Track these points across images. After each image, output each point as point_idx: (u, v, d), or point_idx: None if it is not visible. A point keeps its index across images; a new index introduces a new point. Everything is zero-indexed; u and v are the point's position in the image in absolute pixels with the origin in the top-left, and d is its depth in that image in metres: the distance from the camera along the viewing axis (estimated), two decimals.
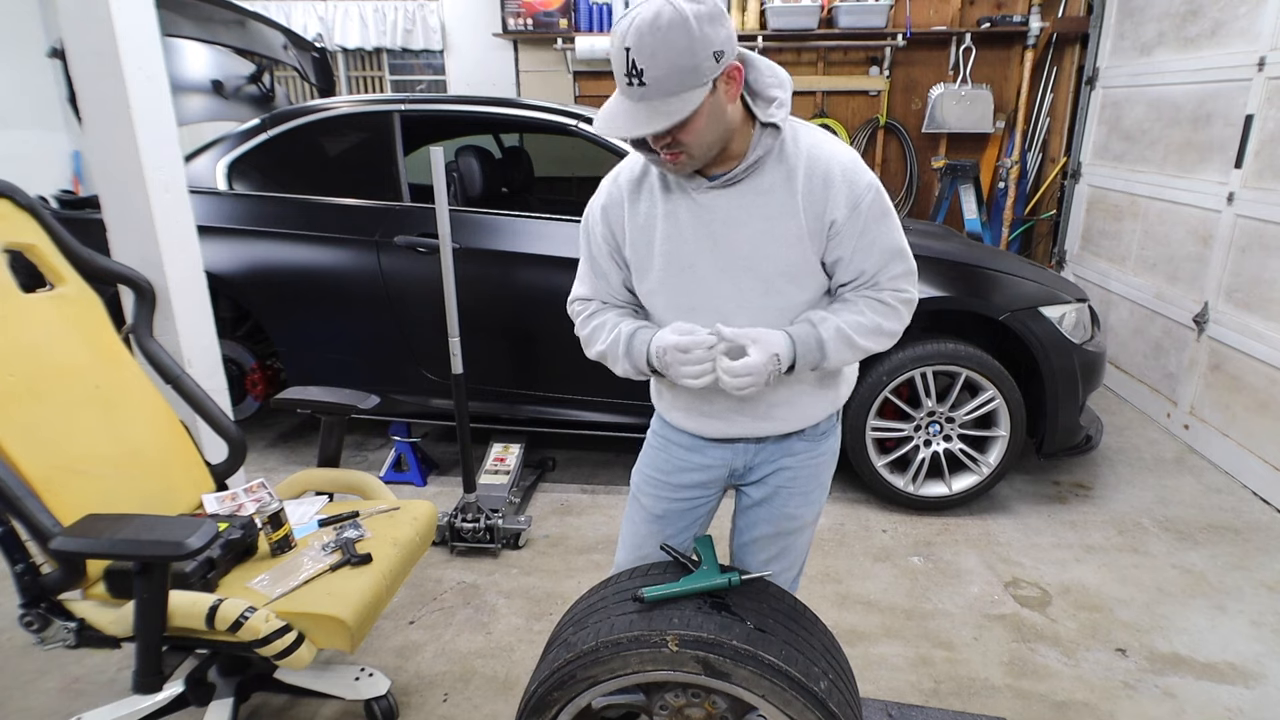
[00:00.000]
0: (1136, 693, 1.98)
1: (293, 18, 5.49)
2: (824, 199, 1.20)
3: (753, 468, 1.42)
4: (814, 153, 1.22)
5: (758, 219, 1.22)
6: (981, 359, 2.64)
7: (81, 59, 1.99)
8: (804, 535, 1.50)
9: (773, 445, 1.39)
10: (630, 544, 1.54)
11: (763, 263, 1.23)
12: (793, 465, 1.41)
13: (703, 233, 1.23)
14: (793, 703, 1.12)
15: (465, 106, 3.04)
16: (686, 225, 1.24)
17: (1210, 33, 3.44)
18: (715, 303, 1.26)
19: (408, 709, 1.90)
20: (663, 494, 1.46)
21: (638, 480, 1.51)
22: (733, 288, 1.25)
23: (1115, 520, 2.81)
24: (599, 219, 1.33)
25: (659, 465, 1.46)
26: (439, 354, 2.54)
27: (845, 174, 1.21)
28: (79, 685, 1.96)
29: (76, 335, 1.66)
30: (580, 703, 1.23)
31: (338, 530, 1.70)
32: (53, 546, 1.28)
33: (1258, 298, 3.03)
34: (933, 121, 4.96)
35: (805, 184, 1.20)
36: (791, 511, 1.44)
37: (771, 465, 1.41)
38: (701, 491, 1.46)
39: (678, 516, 1.47)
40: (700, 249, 1.24)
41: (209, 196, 2.96)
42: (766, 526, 1.46)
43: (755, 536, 1.48)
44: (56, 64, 2.17)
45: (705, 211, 1.23)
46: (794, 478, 1.42)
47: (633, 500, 1.53)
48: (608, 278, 1.36)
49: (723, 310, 1.25)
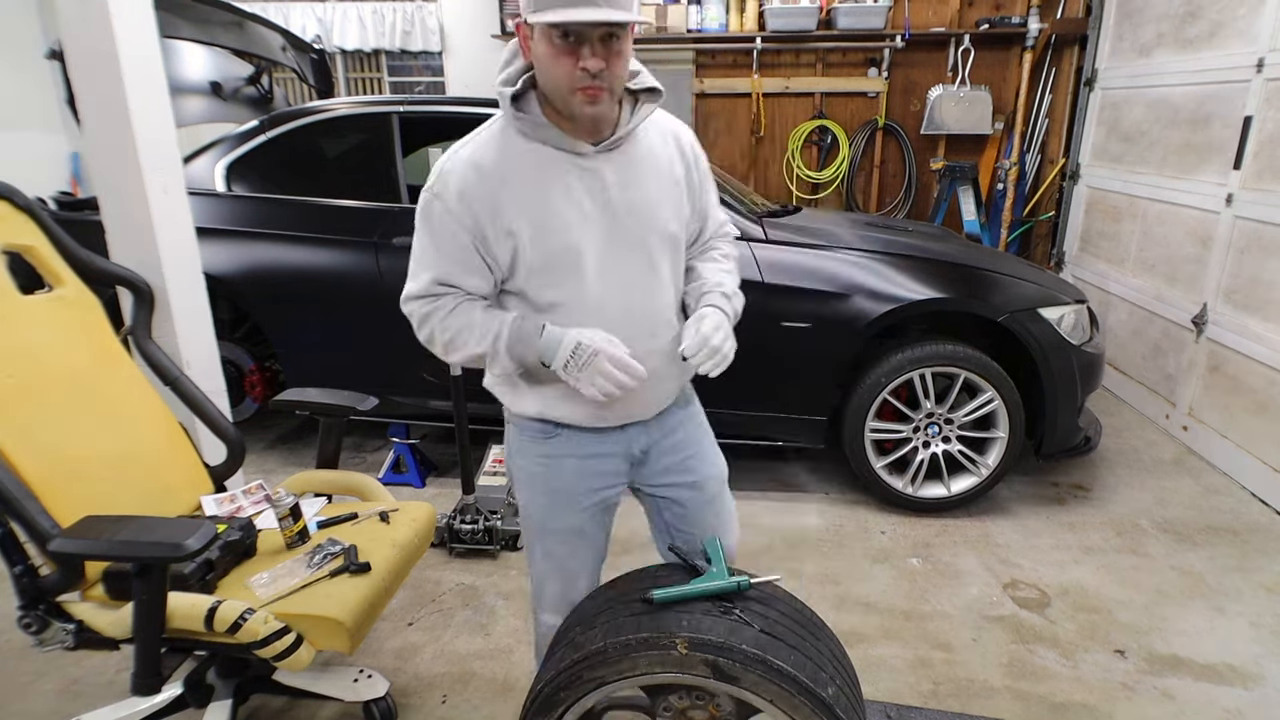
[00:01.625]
0: (1135, 694, 1.98)
1: (291, 19, 5.49)
2: (683, 159, 1.34)
3: (649, 450, 1.43)
4: (676, 129, 1.36)
5: (647, 179, 1.28)
6: (980, 360, 2.64)
7: (80, 60, 1.99)
8: (727, 494, 1.55)
9: (659, 420, 1.42)
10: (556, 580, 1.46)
11: (652, 222, 1.28)
12: (683, 435, 1.46)
13: (595, 199, 1.24)
14: (800, 708, 1.12)
15: (464, 108, 3.05)
16: (577, 193, 1.23)
17: (1209, 34, 3.44)
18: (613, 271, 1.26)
19: (406, 710, 1.90)
20: (576, 507, 1.40)
21: (540, 513, 1.43)
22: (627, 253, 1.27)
23: (1114, 522, 2.81)
24: (454, 207, 1.21)
25: (558, 486, 1.39)
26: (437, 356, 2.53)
27: (686, 133, 1.37)
28: (77, 687, 1.96)
29: (75, 337, 1.66)
30: (586, 703, 1.23)
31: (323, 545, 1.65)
32: (51, 548, 1.28)
33: (1256, 299, 3.03)
34: (931, 123, 4.96)
35: (674, 145, 1.33)
36: (710, 473, 1.49)
37: (666, 441, 1.43)
38: (609, 488, 1.42)
39: (594, 517, 1.43)
40: (595, 214, 1.24)
41: (208, 198, 2.96)
42: (700, 497, 1.48)
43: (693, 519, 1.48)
44: (55, 65, 2.16)
45: (594, 178, 1.23)
46: (691, 444, 1.47)
47: (541, 537, 1.45)
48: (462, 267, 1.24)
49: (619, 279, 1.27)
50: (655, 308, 1.32)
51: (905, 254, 2.75)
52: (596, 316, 1.26)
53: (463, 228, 1.22)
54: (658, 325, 1.33)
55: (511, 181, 1.22)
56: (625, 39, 1.14)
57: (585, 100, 1.15)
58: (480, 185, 1.21)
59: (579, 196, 1.23)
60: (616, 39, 1.13)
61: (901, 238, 2.94)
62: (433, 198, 1.23)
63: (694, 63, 5.14)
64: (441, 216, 1.23)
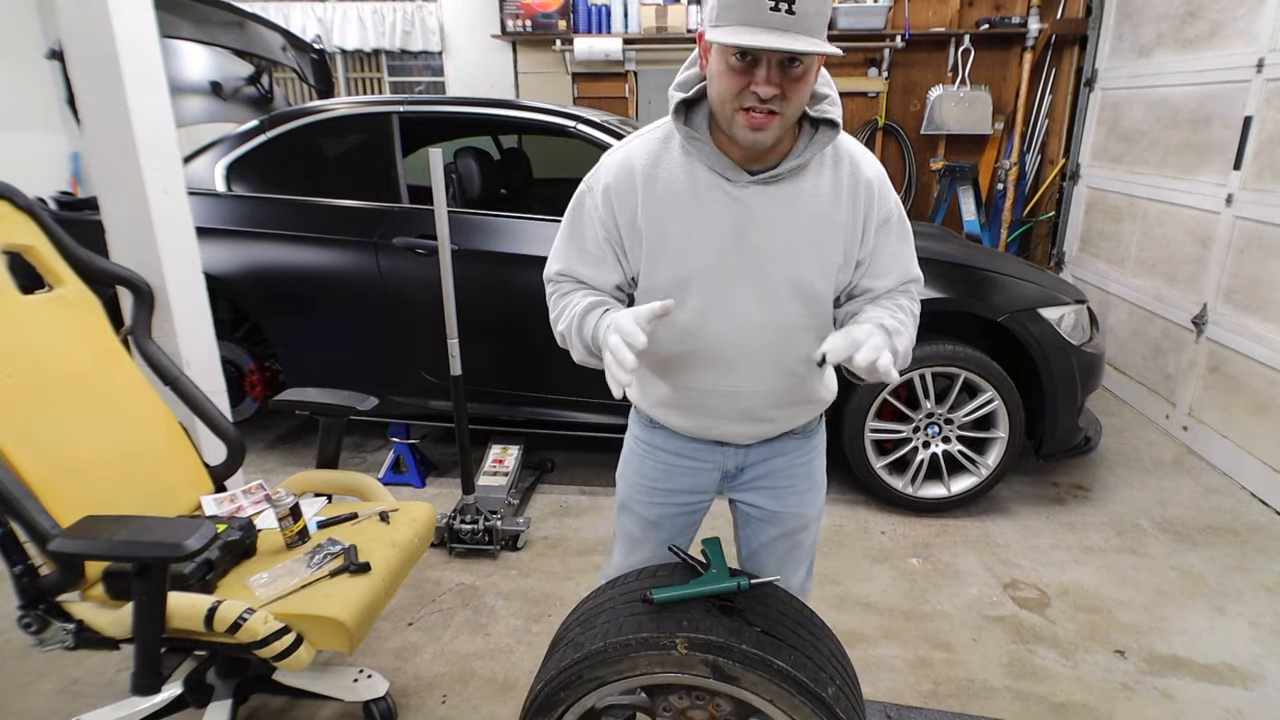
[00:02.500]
0: (1135, 694, 1.98)
1: (291, 19, 5.48)
2: (864, 208, 1.18)
3: (744, 468, 1.40)
4: (856, 161, 1.19)
5: (792, 222, 1.16)
6: (980, 360, 2.64)
7: (80, 60, 1.99)
8: (809, 533, 1.48)
9: (762, 445, 1.38)
10: (626, 549, 1.52)
11: (787, 269, 1.17)
12: (785, 465, 1.39)
13: (729, 230, 1.16)
14: (800, 708, 1.12)
15: (464, 108, 3.05)
16: (713, 219, 1.16)
17: (1209, 34, 3.44)
18: (727, 306, 1.19)
19: (406, 710, 1.90)
20: (655, 500, 1.43)
21: (625, 488, 1.47)
22: (748, 293, 1.19)
23: (1114, 522, 2.81)
24: (600, 202, 1.22)
25: (646, 472, 1.43)
26: (437, 355, 2.53)
27: (881, 188, 1.20)
28: (77, 687, 1.96)
29: (75, 337, 1.66)
30: (586, 703, 1.23)
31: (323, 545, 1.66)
32: (51, 548, 1.28)
33: (1256, 299, 3.03)
34: (931, 123, 4.96)
35: (849, 194, 1.17)
36: (794, 510, 1.42)
37: (764, 466, 1.39)
38: (694, 496, 1.43)
39: (671, 521, 1.45)
40: (724, 246, 1.17)
41: (208, 198, 2.96)
42: (772, 529, 1.44)
43: (763, 542, 1.46)
44: (55, 65, 2.16)
45: (738, 208, 1.15)
46: (790, 476, 1.40)
47: (622, 509, 1.49)
48: (589, 260, 1.26)
49: (732, 318, 1.20)
50: (768, 353, 1.24)
51: None
52: (694, 348, 1.24)
53: (602, 224, 1.22)
54: (769, 369, 1.26)
55: (655, 192, 1.18)
56: (810, 66, 1.05)
57: (749, 125, 1.06)
58: (627, 187, 1.19)
59: (714, 225, 1.16)
60: (799, 64, 1.03)
61: None
62: (585, 190, 1.25)
63: None
64: (588, 210, 1.24)
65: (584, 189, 1.25)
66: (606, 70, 5.21)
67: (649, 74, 5.19)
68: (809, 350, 1.23)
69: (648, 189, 1.18)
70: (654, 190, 1.18)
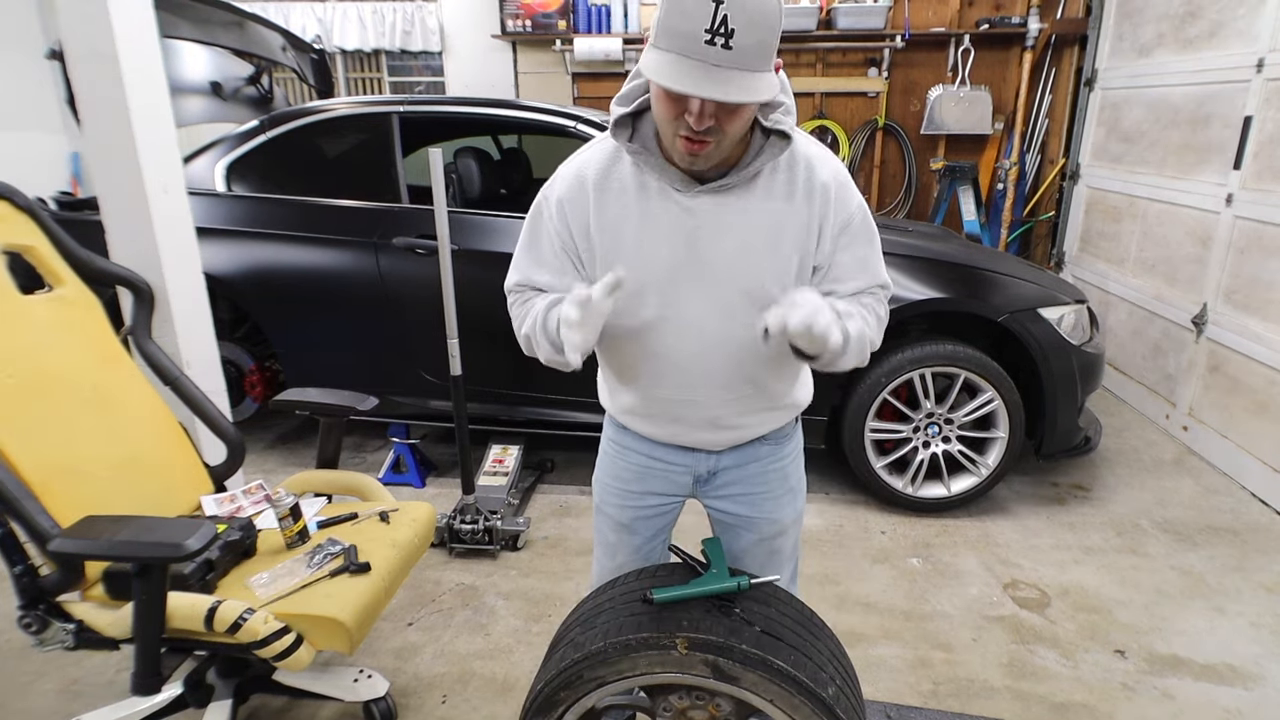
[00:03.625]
0: (1135, 694, 1.98)
1: (291, 19, 5.48)
2: (820, 212, 1.15)
3: (717, 473, 1.38)
4: (811, 163, 1.16)
5: (744, 229, 1.14)
6: (980, 360, 2.64)
7: (80, 60, 1.99)
8: (788, 538, 1.45)
9: (734, 450, 1.36)
10: (602, 555, 1.51)
11: (741, 278, 1.16)
12: (759, 470, 1.37)
13: (680, 240, 1.15)
14: (800, 708, 1.12)
15: (464, 108, 3.05)
16: (664, 229, 1.15)
17: (1209, 34, 3.44)
18: (683, 316, 1.19)
19: (406, 710, 1.90)
20: (627, 503, 1.42)
21: (599, 490, 1.47)
22: (703, 303, 1.17)
23: (1114, 522, 2.81)
24: (555, 213, 1.22)
25: (618, 474, 1.42)
26: (437, 355, 2.54)
27: (840, 189, 1.16)
28: (77, 687, 1.96)
29: (75, 337, 1.66)
30: (586, 703, 1.23)
31: (323, 545, 1.66)
32: (51, 548, 1.28)
33: (1256, 299, 3.03)
34: (931, 123, 4.96)
35: (804, 198, 1.14)
36: (768, 515, 1.40)
37: (737, 471, 1.37)
38: (665, 499, 1.42)
39: (644, 524, 1.44)
40: (676, 256, 1.15)
41: (208, 198, 2.96)
42: (747, 536, 1.42)
43: (742, 548, 1.44)
44: (55, 65, 2.16)
45: (689, 217, 1.14)
46: (764, 482, 1.38)
47: (598, 512, 1.49)
48: (547, 269, 1.26)
49: (687, 326, 1.19)
50: (727, 362, 1.23)
51: (905, 254, 2.74)
52: (655, 360, 1.24)
53: (558, 234, 1.23)
54: (729, 379, 1.24)
55: (606, 202, 1.17)
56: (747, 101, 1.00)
57: (686, 151, 1.05)
58: (579, 197, 1.19)
59: (665, 235, 1.15)
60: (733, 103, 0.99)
61: (901, 238, 2.94)
62: (542, 200, 1.25)
63: None
64: (545, 221, 1.24)
65: (540, 199, 1.25)
66: (606, 70, 5.21)
67: None
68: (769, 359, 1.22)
69: (599, 199, 1.17)
70: (605, 200, 1.17)
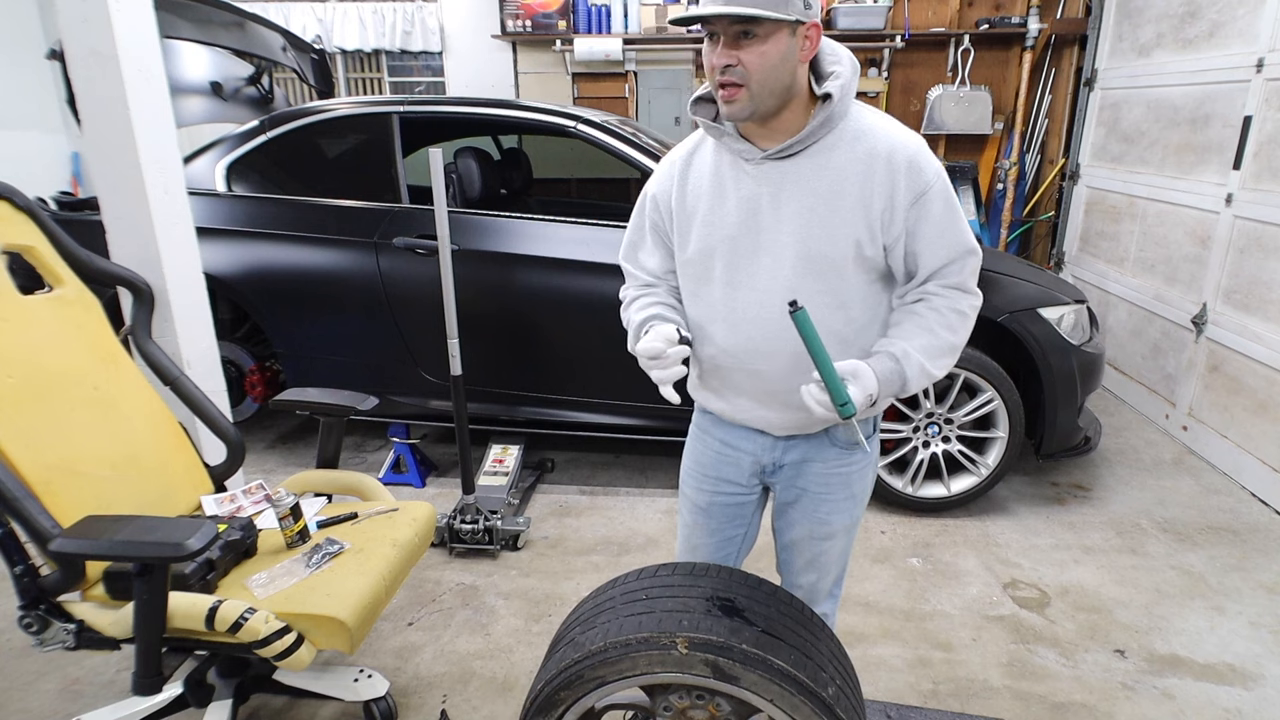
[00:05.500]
0: (1135, 694, 1.98)
1: (291, 19, 5.48)
2: (886, 184, 1.16)
3: (781, 465, 1.40)
4: (877, 135, 1.18)
5: (805, 195, 1.18)
6: (980, 360, 2.64)
7: (80, 61, 1.99)
8: (836, 543, 1.46)
9: (802, 444, 1.37)
10: (681, 535, 1.57)
11: (806, 242, 1.19)
12: (821, 471, 1.39)
13: (746, 207, 1.21)
14: (800, 708, 1.12)
15: (464, 108, 3.04)
16: (732, 198, 1.22)
17: (1209, 34, 3.44)
18: (753, 280, 1.23)
19: (407, 710, 1.90)
20: (703, 486, 1.48)
21: (684, 475, 1.54)
22: (772, 266, 1.21)
23: (1114, 521, 2.82)
24: (649, 206, 1.36)
25: (698, 458, 1.48)
26: (438, 355, 2.54)
27: (910, 160, 1.17)
28: (78, 687, 1.96)
29: (75, 337, 1.66)
30: (586, 703, 1.23)
31: (323, 545, 1.67)
32: (52, 548, 1.28)
33: (1256, 299, 3.03)
34: (931, 123, 4.96)
35: (865, 166, 1.16)
36: (822, 516, 1.42)
37: (799, 466, 1.39)
38: (735, 486, 1.45)
39: (719, 510, 1.48)
40: (743, 223, 1.22)
41: (208, 198, 2.96)
42: (799, 529, 1.45)
43: (791, 539, 1.48)
44: (55, 65, 2.17)
45: (755, 184, 1.20)
46: (824, 482, 1.39)
47: (681, 495, 1.56)
48: (649, 252, 1.39)
49: (750, 291, 1.23)
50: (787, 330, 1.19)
51: None
52: (721, 325, 1.28)
53: (653, 224, 1.36)
54: (790, 349, 1.22)
55: (688, 179, 1.29)
56: (768, 37, 1.07)
57: (723, 100, 1.14)
58: (668, 181, 1.32)
59: (733, 203, 1.22)
60: (751, 36, 1.07)
61: None
62: (644, 194, 1.38)
63: (694, 63, 5.14)
64: (647, 212, 1.37)
65: (644, 192, 1.39)
66: (606, 70, 5.21)
67: (649, 74, 5.19)
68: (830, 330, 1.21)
69: (682, 178, 1.30)
70: (687, 178, 1.29)
